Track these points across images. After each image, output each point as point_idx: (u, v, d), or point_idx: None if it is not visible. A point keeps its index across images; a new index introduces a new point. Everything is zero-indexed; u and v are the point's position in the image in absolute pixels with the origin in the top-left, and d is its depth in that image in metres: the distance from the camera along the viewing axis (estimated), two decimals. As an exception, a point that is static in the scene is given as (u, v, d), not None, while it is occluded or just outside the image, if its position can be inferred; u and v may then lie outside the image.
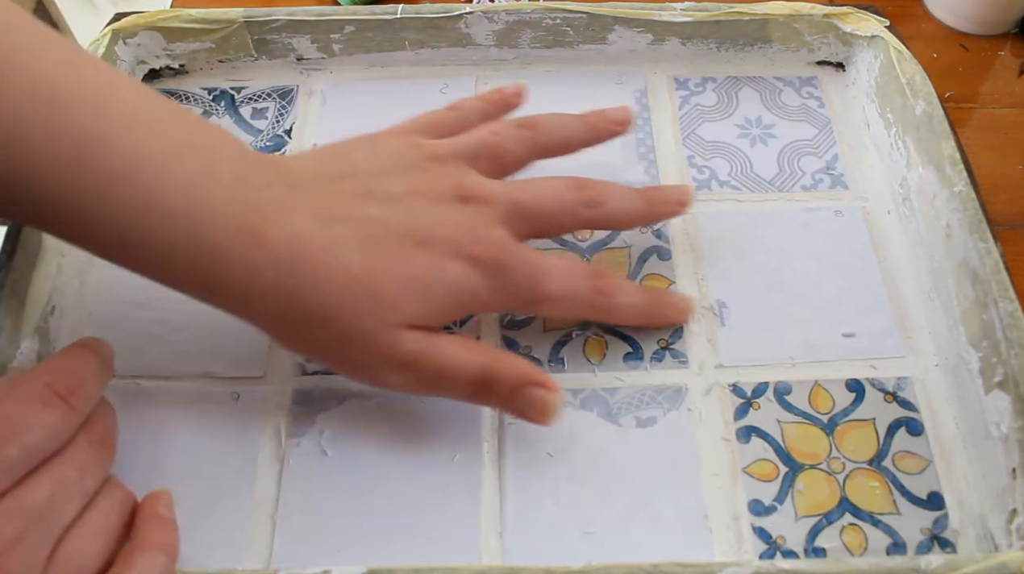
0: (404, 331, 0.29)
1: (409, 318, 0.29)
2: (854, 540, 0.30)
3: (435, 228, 0.30)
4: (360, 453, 0.32)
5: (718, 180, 0.39)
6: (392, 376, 0.29)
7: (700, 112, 0.41)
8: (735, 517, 0.30)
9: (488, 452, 0.32)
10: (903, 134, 0.38)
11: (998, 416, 0.30)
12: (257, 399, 0.33)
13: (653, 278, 0.36)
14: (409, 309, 0.29)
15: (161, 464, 0.31)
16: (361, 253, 0.28)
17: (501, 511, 0.30)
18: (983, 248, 0.32)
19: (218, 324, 0.34)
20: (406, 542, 0.30)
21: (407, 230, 0.29)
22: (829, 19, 0.41)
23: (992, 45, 0.48)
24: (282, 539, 0.30)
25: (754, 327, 0.35)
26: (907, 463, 0.31)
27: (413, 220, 0.29)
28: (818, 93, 0.42)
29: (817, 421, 0.32)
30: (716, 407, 0.33)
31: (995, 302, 0.31)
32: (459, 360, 0.29)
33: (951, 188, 0.34)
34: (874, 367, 0.34)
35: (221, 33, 0.40)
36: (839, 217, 0.38)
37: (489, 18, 0.41)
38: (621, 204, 0.33)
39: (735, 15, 0.41)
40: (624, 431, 0.32)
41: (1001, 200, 0.41)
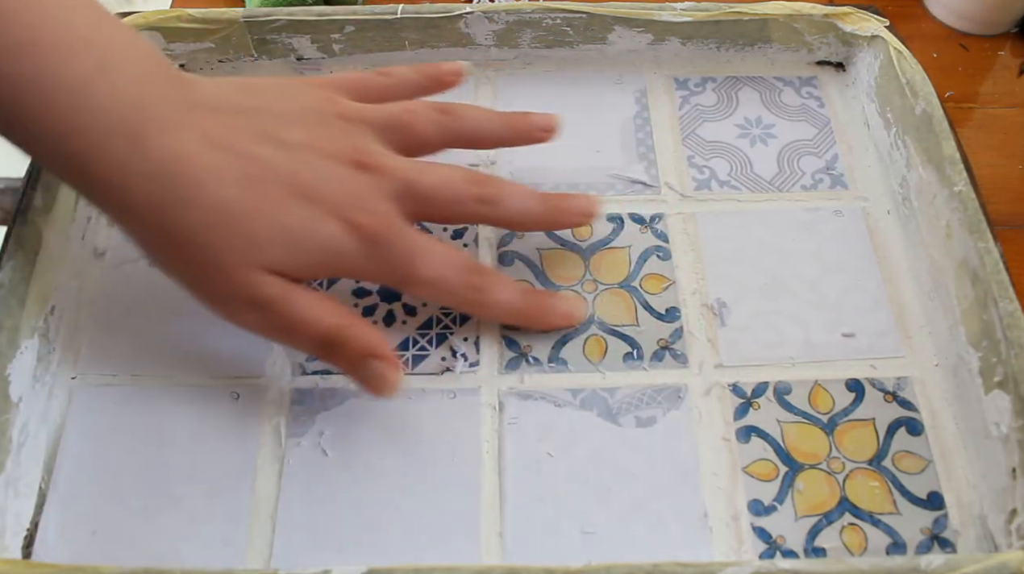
0: (264, 274, 0.29)
1: (272, 263, 0.29)
2: (854, 540, 0.30)
3: (321, 185, 0.30)
4: (360, 453, 0.32)
5: (718, 180, 0.39)
6: (244, 314, 0.30)
7: (700, 112, 0.41)
8: (735, 517, 0.30)
9: (488, 452, 0.32)
10: (903, 134, 0.38)
11: (998, 416, 0.30)
12: (257, 399, 0.33)
13: (653, 278, 0.36)
14: (273, 254, 0.29)
15: (161, 464, 0.31)
16: (240, 188, 0.28)
17: (501, 511, 0.30)
18: (983, 248, 0.32)
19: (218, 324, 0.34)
20: (406, 542, 0.30)
21: (293, 180, 0.29)
22: (829, 19, 0.41)
23: (992, 45, 0.48)
24: (282, 539, 0.30)
25: (754, 327, 0.35)
26: (907, 463, 0.31)
27: (301, 171, 0.29)
28: (818, 93, 0.42)
29: (817, 421, 0.32)
30: (716, 407, 0.33)
31: (995, 302, 0.31)
32: (311, 315, 0.29)
33: (951, 188, 0.34)
34: (874, 367, 0.34)
35: (221, 33, 0.40)
36: (839, 217, 0.38)
37: (489, 18, 0.41)
38: (518, 206, 0.33)
39: (735, 15, 0.41)
40: (624, 431, 0.32)
41: (1001, 200, 0.41)
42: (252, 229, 0.28)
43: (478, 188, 0.32)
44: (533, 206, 0.33)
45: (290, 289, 0.29)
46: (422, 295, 0.33)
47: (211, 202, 0.28)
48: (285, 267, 0.29)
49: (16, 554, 0.29)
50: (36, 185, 0.34)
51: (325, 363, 0.32)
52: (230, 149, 0.29)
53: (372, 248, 0.30)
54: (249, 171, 0.29)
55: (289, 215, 0.29)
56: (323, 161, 0.30)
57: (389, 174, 0.31)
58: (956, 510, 0.30)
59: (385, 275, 0.31)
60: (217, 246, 0.28)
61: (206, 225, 0.28)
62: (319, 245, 0.29)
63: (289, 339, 0.31)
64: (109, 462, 0.31)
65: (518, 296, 0.33)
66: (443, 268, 0.31)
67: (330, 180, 0.30)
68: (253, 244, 0.28)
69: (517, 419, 0.32)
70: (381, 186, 0.30)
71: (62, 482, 0.31)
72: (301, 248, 0.29)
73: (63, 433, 0.32)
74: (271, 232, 0.29)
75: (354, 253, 0.30)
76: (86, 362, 0.34)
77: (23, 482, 0.30)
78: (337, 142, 0.31)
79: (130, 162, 0.27)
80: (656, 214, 0.38)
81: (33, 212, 0.33)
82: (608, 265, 0.36)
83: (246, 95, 0.31)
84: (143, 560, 0.29)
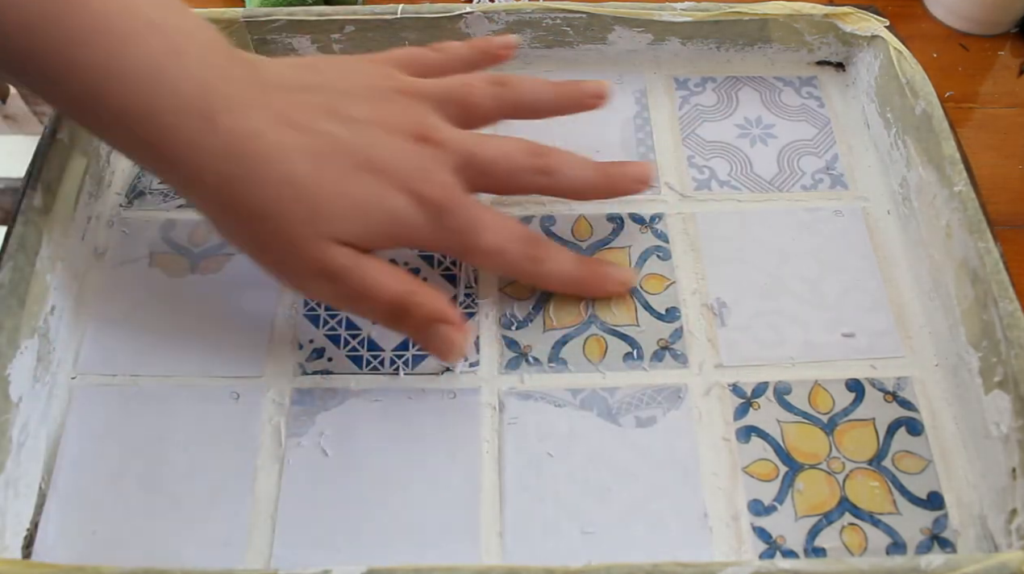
0: (335, 245, 0.30)
1: (342, 234, 0.30)
2: (854, 540, 0.30)
3: (388, 158, 0.30)
4: (360, 453, 0.32)
5: (718, 180, 0.39)
6: (316, 285, 0.30)
7: (700, 112, 0.41)
8: (735, 517, 0.30)
9: (488, 452, 0.32)
10: (903, 134, 0.38)
11: (998, 416, 0.30)
12: (257, 399, 0.33)
13: (653, 278, 0.36)
14: (344, 226, 0.30)
15: (161, 464, 0.31)
16: (309, 163, 0.29)
17: (501, 511, 0.30)
18: (983, 248, 0.32)
19: (218, 324, 0.34)
20: (406, 542, 0.30)
21: (360, 154, 0.30)
22: (829, 19, 0.41)
23: (992, 45, 0.48)
24: (282, 539, 0.30)
25: (754, 327, 0.35)
26: (907, 463, 0.31)
27: (368, 146, 0.30)
28: (818, 93, 0.42)
29: (817, 421, 0.32)
30: (716, 407, 0.33)
31: (995, 302, 0.31)
32: (381, 283, 0.30)
33: (951, 188, 0.34)
34: (874, 367, 0.34)
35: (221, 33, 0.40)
36: (839, 217, 0.38)
37: (489, 18, 0.41)
38: (576, 175, 0.34)
39: (735, 15, 0.41)
40: (624, 431, 0.32)
41: (1001, 200, 0.41)
42: (322, 202, 0.29)
43: (536, 159, 0.33)
44: (589, 175, 0.34)
45: (360, 259, 0.30)
46: (482, 264, 0.34)
47: (281, 177, 0.29)
48: (354, 238, 0.30)
49: (16, 554, 0.29)
50: (36, 185, 0.34)
51: (395, 330, 0.33)
52: (298, 126, 0.30)
53: (436, 218, 0.31)
54: (317, 147, 0.30)
55: (358, 188, 0.30)
56: (387, 135, 0.31)
57: (450, 147, 0.32)
58: (956, 510, 0.30)
59: (448, 245, 0.32)
60: (288, 219, 0.29)
61: (277, 199, 0.29)
62: (387, 216, 0.30)
63: (359, 308, 0.32)
64: (109, 462, 0.31)
65: (573, 266, 0.34)
66: (503, 239, 0.32)
67: (395, 154, 0.31)
68: (323, 216, 0.29)
69: (517, 419, 0.32)
70: (443, 159, 0.31)
71: (62, 482, 0.31)
72: (370, 219, 0.30)
73: (63, 433, 0.32)
74: (341, 205, 0.30)
75: (420, 223, 0.31)
76: (86, 362, 0.34)
77: (23, 482, 0.30)
78: (400, 117, 0.32)
79: (202, 141, 0.28)
80: (656, 214, 0.38)
81: (33, 212, 0.33)
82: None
83: (310, 73, 0.32)
84: (143, 560, 0.29)
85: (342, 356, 0.34)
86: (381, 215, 0.30)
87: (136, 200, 0.38)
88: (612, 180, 0.35)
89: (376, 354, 0.34)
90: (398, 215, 0.30)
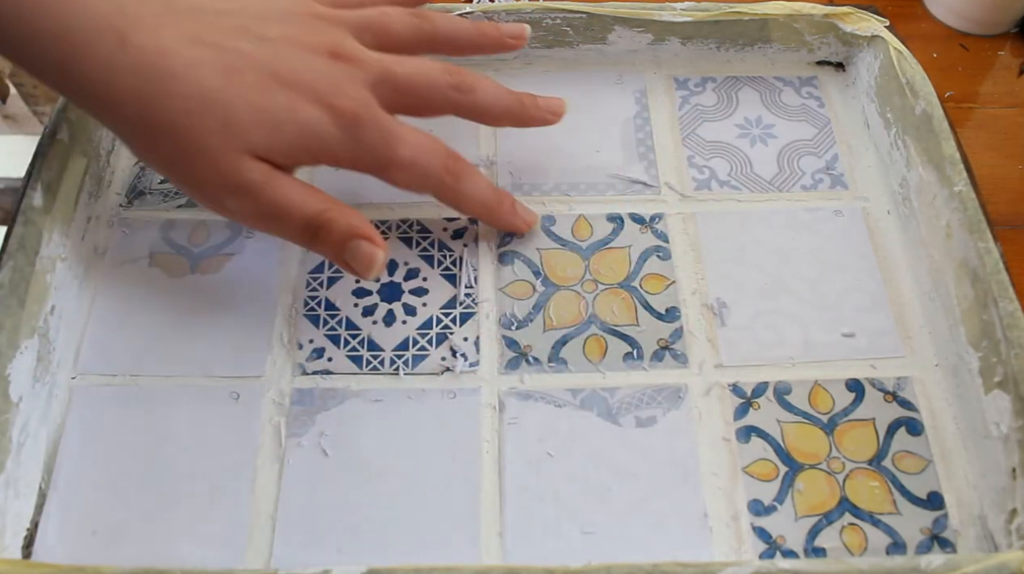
0: (249, 159, 0.30)
1: (256, 147, 0.30)
2: (854, 540, 0.30)
3: (300, 72, 0.31)
4: (360, 453, 0.32)
5: (718, 180, 0.39)
6: (230, 201, 0.31)
7: (700, 112, 0.41)
8: (735, 517, 0.30)
9: (488, 452, 0.32)
10: (903, 134, 0.38)
11: (998, 416, 0.30)
12: (257, 399, 0.33)
13: (653, 278, 0.36)
14: (257, 138, 0.30)
15: (161, 464, 0.31)
16: (221, 77, 0.30)
17: (501, 511, 0.30)
18: (983, 248, 0.32)
19: (218, 324, 0.34)
20: (406, 542, 0.30)
21: (272, 68, 0.31)
22: (829, 19, 0.41)
23: (992, 45, 0.48)
24: (282, 539, 0.30)
25: (754, 327, 0.35)
26: (907, 463, 0.31)
27: (280, 61, 0.31)
28: (818, 93, 0.42)
29: (817, 421, 0.32)
30: (716, 407, 0.33)
31: (995, 302, 0.31)
32: (296, 200, 0.31)
33: (951, 188, 0.34)
34: (874, 367, 0.34)
35: None
36: (839, 217, 0.38)
37: (489, 18, 0.41)
38: (492, 97, 0.35)
39: (735, 15, 0.41)
40: (624, 431, 0.32)
41: (1001, 200, 0.41)
42: (234, 115, 0.29)
43: (453, 77, 0.34)
44: (504, 96, 0.35)
45: (274, 174, 0.30)
46: (400, 181, 0.33)
47: (193, 91, 0.29)
48: (268, 151, 0.30)
49: (16, 554, 0.29)
50: (36, 185, 0.34)
51: (313, 250, 0.32)
52: (211, 44, 0.30)
53: (352, 131, 0.31)
54: (230, 62, 0.30)
55: (270, 100, 0.30)
56: (301, 52, 0.31)
57: (364, 64, 0.32)
58: (956, 510, 0.30)
59: (365, 159, 0.32)
60: (200, 132, 0.29)
61: (188, 112, 0.29)
62: (300, 128, 0.30)
63: (273, 225, 0.32)
64: (109, 462, 0.31)
65: (490, 192, 0.35)
66: (421, 152, 0.32)
67: (309, 68, 0.31)
68: (236, 129, 0.29)
69: (517, 419, 0.32)
70: (357, 75, 0.32)
71: (62, 482, 0.31)
72: (282, 132, 0.30)
73: (63, 433, 0.32)
74: (253, 116, 0.30)
75: (335, 136, 0.31)
76: (86, 362, 0.34)
77: (23, 482, 0.30)
78: (315, 36, 0.32)
79: (114, 59, 0.29)
80: (656, 214, 0.38)
81: (33, 212, 0.33)
82: (608, 265, 0.36)
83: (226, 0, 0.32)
84: (143, 560, 0.29)
85: (342, 356, 0.34)
86: (292, 127, 0.30)
87: (136, 200, 0.38)
88: (526, 108, 0.36)
89: (376, 354, 0.34)
90: (311, 127, 0.31)
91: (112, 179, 0.39)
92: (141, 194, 0.38)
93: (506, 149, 0.40)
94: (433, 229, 0.37)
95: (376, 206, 0.38)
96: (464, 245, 0.37)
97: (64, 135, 0.36)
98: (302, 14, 0.33)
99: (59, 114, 0.36)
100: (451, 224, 0.37)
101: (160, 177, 0.39)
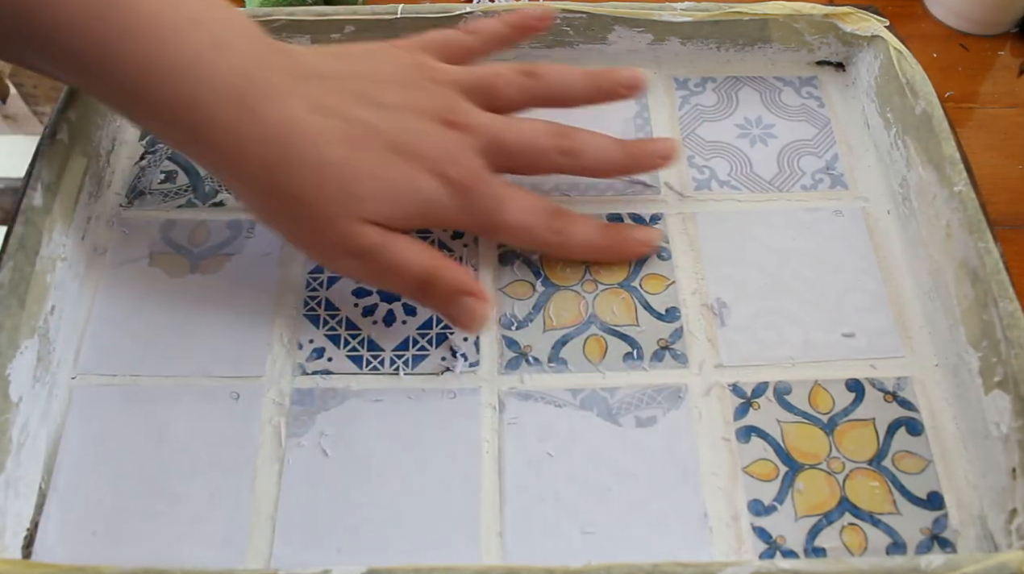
0: (365, 225, 0.31)
1: (373, 215, 0.31)
2: (854, 540, 0.30)
3: (418, 143, 0.32)
4: (360, 453, 0.32)
5: (718, 180, 0.39)
6: (347, 262, 0.32)
7: (700, 112, 0.41)
8: (735, 517, 0.30)
9: (488, 452, 0.32)
10: (903, 134, 0.38)
11: (998, 416, 0.30)
12: (257, 399, 0.33)
13: (653, 278, 0.36)
14: (375, 207, 0.31)
15: (161, 464, 0.31)
16: (344, 147, 0.31)
17: (501, 511, 0.30)
18: (983, 248, 0.32)
19: (218, 324, 0.34)
20: (406, 542, 0.30)
21: (392, 138, 0.32)
22: (829, 19, 0.41)
23: (992, 45, 0.48)
24: (282, 539, 0.30)
25: (754, 327, 0.35)
26: (907, 463, 0.31)
27: (400, 131, 0.32)
28: (818, 93, 0.42)
29: (817, 421, 0.32)
30: (716, 407, 0.33)
31: (995, 302, 0.31)
32: (409, 259, 0.32)
33: (951, 188, 0.34)
34: (874, 367, 0.34)
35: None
36: (839, 217, 0.38)
37: (489, 17, 0.41)
38: (598, 156, 0.35)
39: (735, 15, 0.41)
40: (624, 431, 0.32)
41: (1001, 200, 0.41)
42: (356, 184, 0.31)
43: (560, 140, 0.34)
44: (613, 154, 0.36)
45: (389, 237, 0.32)
46: (509, 240, 0.35)
47: (318, 161, 0.30)
48: (384, 217, 0.31)
49: (16, 554, 0.29)
50: (36, 185, 0.34)
51: (422, 304, 0.34)
52: (333, 113, 0.31)
53: (464, 199, 0.32)
54: (351, 132, 0.31)
55: (390, 169, 0.31)
56: (418, 120, 0.32)
57: (476, 130, 0.33)
58: (956, 510, 0.30)
59: (475, 223, 0.33)
60: (323, 201, 0.31)
61: (314, 184, 0.30)
62: (417, 197, 0.32)
63: (387, 283, 0.33)
64: (109, 462, 0.31)
65: (597, 234, 0.36)
66: (527, 214, 0.34)
67: (424, 137, 0.32)
68: (356, 197, 0.31)
69: (517, 419, 0.32)
70: (469, 142, 0.33)
71: (62, 482, 0.31)
72: (401, 201, 0.31)
73: (63, 433, 0.32)
74: (374, 187, 0.31)
75: (448, 204, 0.32)
76: (86, 362, 0.34)
77: (23, 482, 0.30)
78: (428, 102, 0.33)
79: (242, 128, 0.30)
80: (656, 214, 0.38)
81: (33, 212, 0.33)
82: (608, 265, 0.36)
83: (343, 61, 0.33)
84: (143, 560, 0.29)
85: (342, 356, 0.34)
86: (411, 196, 0.32)
87: (136, 200, 0.38)
88: (635, 158, 0.36)
89: (376, 354, 0.34)
90: (427, 197, 0.32)
91: (112, 179, 0.39)
92: (141, 194, 0.38)
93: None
94: (433, 229, 0.37)
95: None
96: (464, 245, 0.37)
97: (64, 135, 0.36)
98: (416, 77, 0.34)
99: (59, 114, 0.36)
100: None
101: (160, 177, 0.39)
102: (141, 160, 0.39)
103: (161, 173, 0.39)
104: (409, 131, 0.32)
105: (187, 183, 0.39)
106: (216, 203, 0.38)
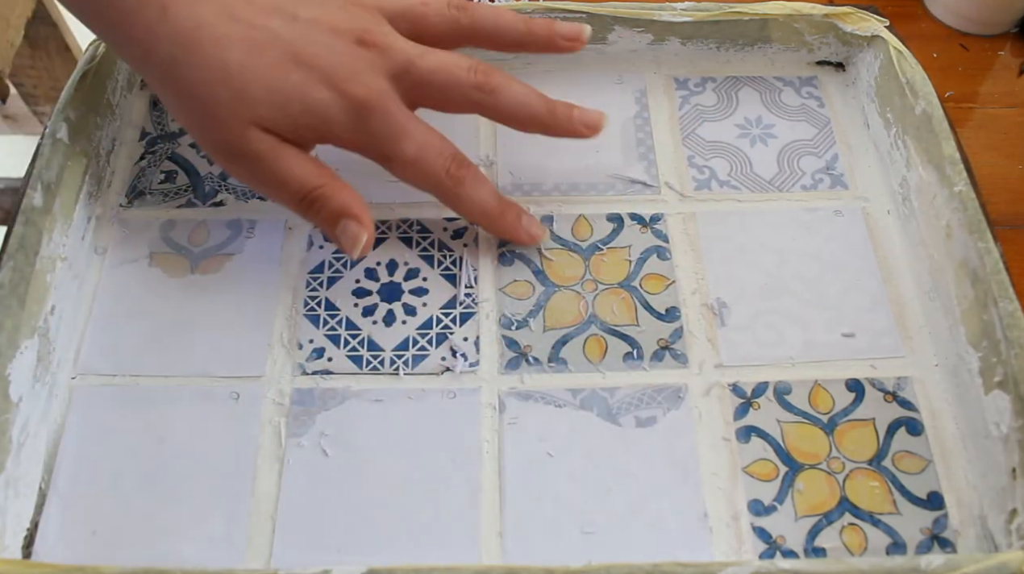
0: (256, 130, 0.32)
1: (263, 120, 0.32)
2: (854, 540, 0.30)
3: (320, 55, 0.32)
4: (360, 453, 0.32)
5: (718, 180, 0.39)
6: (236, 166, 0.33)
7: (700, 112, 0.41)
8: (735, 517, 0.30)
9: (488, 452, 0.32)
10: (903, 134, 0.38)
11: (998, 416, 0.30)
12: (257, 399, 0.33)
13: (653, 278, 0.36)
14: (265, 111, 0.32)
15: (161, 464, 0.31)
16: (244, 52, 0.31)
17: (501, 511, 0.30)
18: (983, 248, 0.32)
19: (218, 324, 0.34)
20: (406, 542, 0.30)
21: (295, 49, 0.32)
22: (829, 19, 0.41)
23: (992, 45, 0.48)
24: (282, 539, 0.30)
25: (754, 327, 0.35)
26: (907, 463, 0.31)
27: (305, 43, 0.32)
28: (818, 93, 0.42)
29: (817, 421, 0.32)
30: (716, 407, 0.33)
31: (995, 302, 0.31)
32: (295, 171, 0.32)
33: (951, 188, 0.34)
34: (874, 367, 0.34)
35: None
36: (839, 217, 0.38)
37: (489, 18, 0.41)
38: (518, 101, 0.34)
39: (735, 15, 0.41)
40: (624, 431, 0.32)
41: (1001, 200, 0.41)
42: (246, 88, 0.31)
43: (479, 76, 0.34)
44: (534, 106, 0.34)
45: (279, 146, 0.32)
46: (402, 175, 0.34)
47: (215, 63, 0.31)
48: (273, 124, 0.32)
49: (16, 554, 0.29)
50: (36, 185, 0.34)
51: (307, 220, 0.34)
52: (243, 20, 0.32)
53: (360, 119, 0.32)
54: (255, 38, 0.32)
55: (283, 78, 0.32)
56: (328, 35, 0.32)
57: (389, 52, 0.33)
58: (956, 510, 0.30)
59: (370, 147, 0.33)
60: (216, 101, 0.31)
61: (208, 82, 0.31)
62: (307, 108, 0.32)
63: (273, 193, 0.33)
64: (109, 462, 0.31)
65: (494, 199, 0.35)
66: (426, 150, 0.33)
67: (329, 51, 0.32)
68: (248, 102, 0.31)
69: (517, 419, 0.32)
70: (380, 63, 0.32)
71: (62, 482, 0.31)
72: (289, 109, 0.32)
73: (63, 433, 0.32)
74: (263, 91, 0.31)
75: (342, 121, 0.32)
76: (86, 362, 0.34)
77: (23, 482, 0.30)
78: (345, 21, 0.33)
79: (157, 26, 0.31)
80: (656, 214, 0.38)
81: (33, 212, 0.33)
82: (608, 265, 0.36)
83: None
84: (143, 560, 0.29)
85: (342, 356, 0.34)
86: (301, 106, 0.32)
87: (136, 200, 0.38)
88: (557, 118, 0.35)
89: (376, 354, 0.34)
90: (319, 109, 0.32)
91: (112, 179, 0.39)
92: (141, 194, 0.38)
93: (506, 149, 0.40)
94: (433, 229, 0.37)
95: (376, 206, 0.38)
96: (464, 245, 0.37)
97: (64, 135, 0.36)
98: (344, 1, 0.34)
99: (59, 114, 0.36)
100: (451, 224, 0.37)
101: (160, 177, 0.39)
102: (141, 160, 0.39)
103: (161, 173, 0.39)
104: (315, 43, 0.32)
105: (187, 183, 0.39)
106: (216, 203, 0.38)
